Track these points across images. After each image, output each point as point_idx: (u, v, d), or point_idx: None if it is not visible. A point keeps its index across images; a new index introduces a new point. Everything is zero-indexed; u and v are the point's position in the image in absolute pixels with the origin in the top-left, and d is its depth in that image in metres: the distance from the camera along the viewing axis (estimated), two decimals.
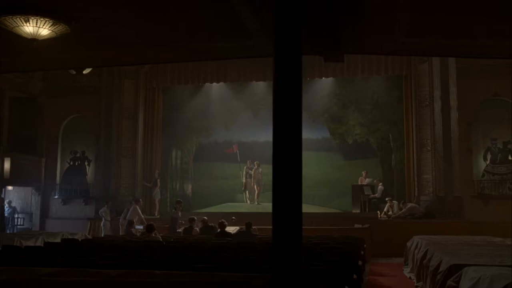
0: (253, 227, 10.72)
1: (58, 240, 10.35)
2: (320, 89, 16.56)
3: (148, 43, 5.80)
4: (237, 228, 11.40)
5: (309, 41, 5.34)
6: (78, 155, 16.92)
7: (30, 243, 10.53)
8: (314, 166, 16.95)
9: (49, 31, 4.42)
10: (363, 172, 15.32)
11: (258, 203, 16.51)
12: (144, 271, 3.48)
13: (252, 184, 16.65)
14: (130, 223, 11.20)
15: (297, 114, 2.53)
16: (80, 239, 9.76)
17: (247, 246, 8.09)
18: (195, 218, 11.63)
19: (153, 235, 9.49)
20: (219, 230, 10.24)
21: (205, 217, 11.87)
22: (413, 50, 5.65)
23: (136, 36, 5.62)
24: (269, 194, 15.89)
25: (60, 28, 4.49)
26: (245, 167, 16.85)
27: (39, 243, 10.37)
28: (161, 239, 9.26)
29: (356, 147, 16.45)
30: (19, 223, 16.61)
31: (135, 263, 5.01)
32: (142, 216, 13.23)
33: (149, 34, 5.68)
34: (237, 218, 12.69)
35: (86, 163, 16.90)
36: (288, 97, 2.51)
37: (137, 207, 13.20)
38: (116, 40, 5.64)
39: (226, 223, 10.58)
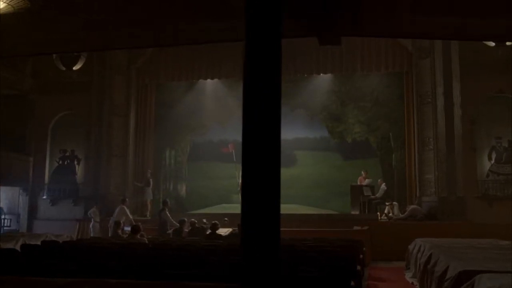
0: None
1: (40, 242, 9.76)
2: (318, 86, 16.00)
3: (123, 24, 5.23)
4: (230, 230, 10.85)
5: (301, 21, 4.78)
6: (67, 154, 16.32)
7: (10, 245, 9.94)
8: (312, 166, 16.47)
9: (5, 4, 3.85)
10: (362, 172, 14.73)
11: None
12: (98, 280, 2.91)
13: None
14: (117, 224, 10.65)
15: (274, 112, 2.02)
16: (61, 241, 9.21)
17: (237, 249, 7.55)
18: (185, 219, 11.10)
19: (139, 237, 8.95)
20: (209, 232, 9.69)
21: (193, 219, 11.34)
22: (417, 31, 5.12)
23: (107, 16, 5.06)
24: None
25: (17, 2, 3.92)
26: (241, 167, 16.27)
27: (19, 245, 9.78)
28: (146, 241, 8.72)
29: (355, 146, 15.91)
30: (6, 224, 16.02)
31: (106, 268, 4.44)
32: (131, 217, 12.69)
33: (124, 13, 5.12)
34: (232, 220, 12.12)
35: (75, 162, 16.30)
36: (262, 90, 1.98)
37: (124, 207, 12.65)
38: (86, 20, 5.09)
39: (219, 225, 10.04)
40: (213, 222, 9.92)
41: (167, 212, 12.11)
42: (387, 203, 13.92)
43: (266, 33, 2.09)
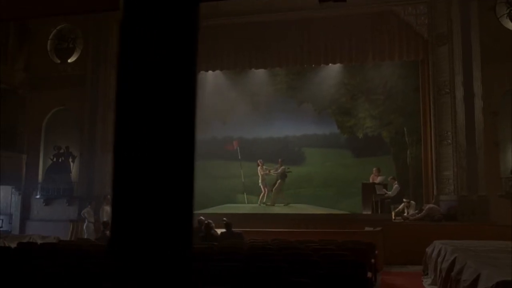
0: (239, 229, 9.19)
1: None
2: (326, 78, 15.02)
3: None
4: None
5: None
6: (62, 151, 15.42)
7: None
8: (321, 164, 15.57)
9: None
10: (374, 169, 13.65)
11: (261, 205, 15.16)
12: None
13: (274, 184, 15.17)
14: (105, 225, 9.75)
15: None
16: (39, 243, 8.36)
17: (229, 252, 6.60)
18: None
19: None
20: (202, 234, 8.71)
21: (201, 217, 10.39)
22: None
23: None
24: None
25: None
26: (259, 168, 15.35)
27: None
28: None
29: (367, 142, 14.92)
30: None
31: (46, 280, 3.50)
32: None
33: None
34: (235, 220, 11.15)
35: (70, 159, 15.42)
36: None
37: None
38: None
39: (213, 224, 9.04)
40: (205, 222, 8.91)
41: None
42: (405, 200, 12.86)
43: None
